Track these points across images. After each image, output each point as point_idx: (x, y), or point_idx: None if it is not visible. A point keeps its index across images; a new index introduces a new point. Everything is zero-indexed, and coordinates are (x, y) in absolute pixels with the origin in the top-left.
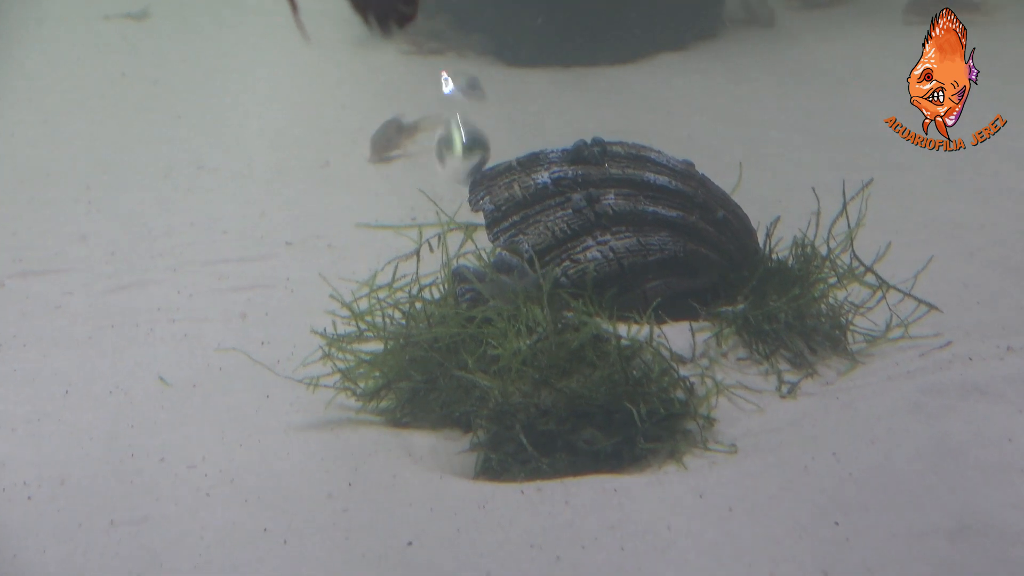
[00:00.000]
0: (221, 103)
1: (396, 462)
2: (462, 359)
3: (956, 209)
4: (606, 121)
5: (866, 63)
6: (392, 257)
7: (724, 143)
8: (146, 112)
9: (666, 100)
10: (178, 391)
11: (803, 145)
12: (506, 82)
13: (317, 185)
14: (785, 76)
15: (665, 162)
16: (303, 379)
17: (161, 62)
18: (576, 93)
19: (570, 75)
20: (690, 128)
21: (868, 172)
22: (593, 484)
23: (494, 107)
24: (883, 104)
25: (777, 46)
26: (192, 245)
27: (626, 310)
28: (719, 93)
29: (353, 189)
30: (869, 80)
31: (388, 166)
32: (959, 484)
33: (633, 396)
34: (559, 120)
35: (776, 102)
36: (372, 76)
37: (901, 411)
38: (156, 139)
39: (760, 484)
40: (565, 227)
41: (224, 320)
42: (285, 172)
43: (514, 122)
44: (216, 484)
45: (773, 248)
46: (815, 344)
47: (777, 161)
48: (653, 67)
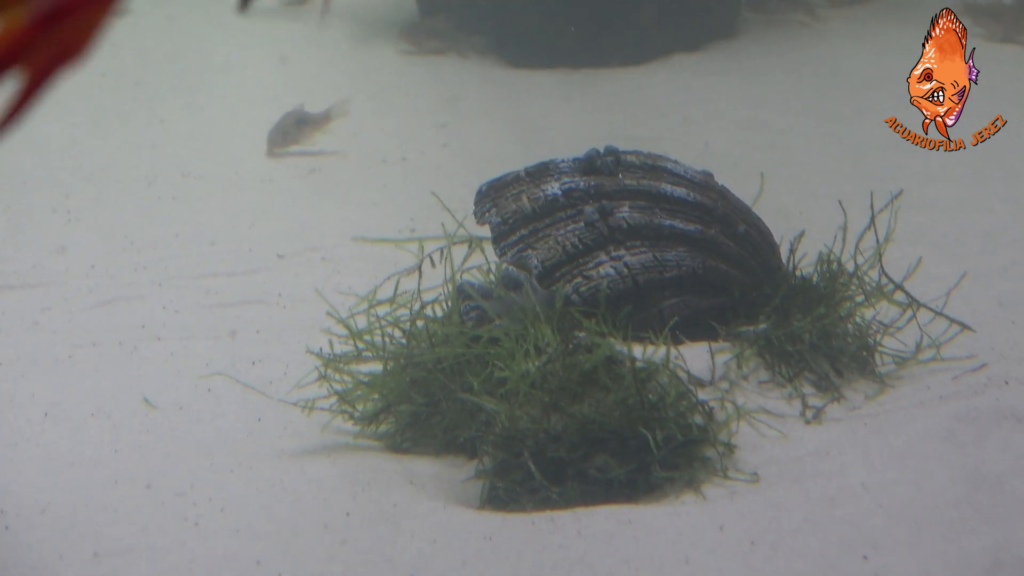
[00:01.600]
0: (208, 106)
1: (397, 490)
2: (467, 381)
3: (988, 221)
4: (617, 127)
5: (896, 65)
6: (392, 271)
7: (744, 151)
8: (128, 116)
9: (682, 104)
10: (164, 414)
11: (828, 153)
12: (510, 85)
13: (310, 193)
14: (809, 78)
15: (683, 173)
16: (297, 402)
17: (144, 61)
18: (585, 97)
19: (579, 77)
20: (708, 135)
21: (896, 182)
22: (607, 515)
23: (497, 112)
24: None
25: (800, 46)
26: (178, 258)
27: (641, 330)
28: (738, 97)
29: (349, 198)
30: (898, 83)
31: (386, 173)
32: (995, 517)
33: (649, 421)
34: (567, 126)
35: (799, 106)
36: (368, 77)
37: (933, 438)
38: (139, 144)
39: (784, 516)
40: (577, 241)
41: (212, 338)
42: (276, 180)
43: (519, 128)
44: (206, 513)
45: (797, 264)
46: (841, 366)
47: (800, 170)
48: (668, 69)
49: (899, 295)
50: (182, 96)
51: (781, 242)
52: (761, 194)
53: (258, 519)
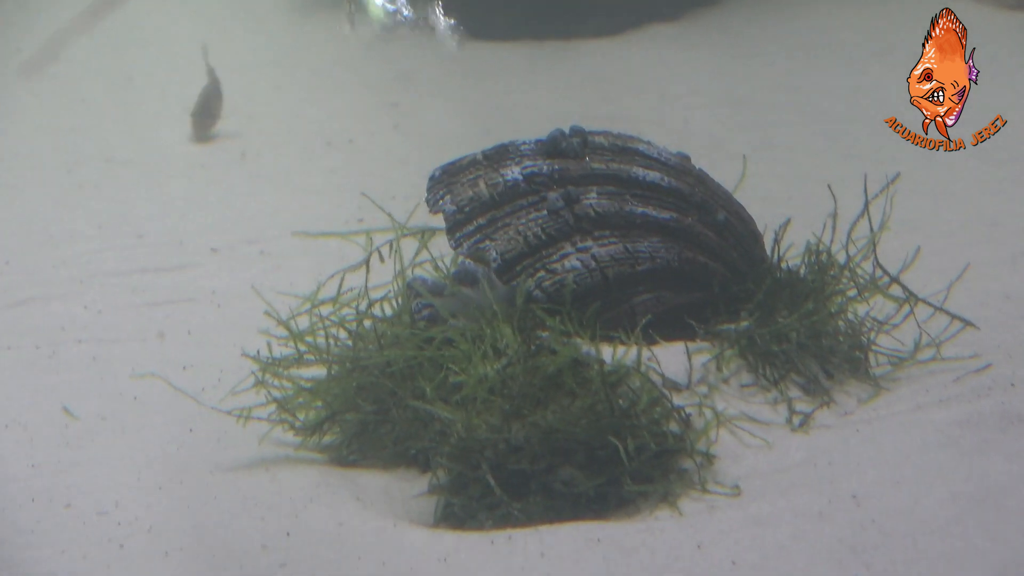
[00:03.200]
0: (134, 84)
1: (342, 507)
2: (419, 387)
3: (995, 207)
4: (588, 105)
5: (894, 38)
6: (337, 266)
7: (726, 130)
8: (46, 95)
9: (658, 80)
10: (86, 425)
11: (818, 132)
12: (471, 59)
13: (248, 180)
14: (797, 50)
15: (656, 155)
16: (232, 410)
17: (65, 34)
18: (553, 72)
19: (546, 50)
20: (686, 113)
21: (893, 164)
22: (573, 533)
23: (454, 89)
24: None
25: (789, 15)
26: (101, 252)
27: (611, 328)
28: (720, 71)
29: (290, 185)
30: (896, 56)
31: (330, 157)
32: (1000, 533)
33: (619, 430)
34: (532, 104)
35: (786, 81)
36: (313, 53)
37: (932, 446)
38: (57, 127)
39: (768, 533)
40: (539, 232)
41: (139, 340)
42: (210, 165)
43: (480, 106)
44: (131, 534)
45: (783, 255)
46: (832, 368)
47: (787, 152)
48: (643, 40)
49: (895, 289)
50: (105, 74)
51: (765, 231)
52: (744, 178)
53: (190, 540)
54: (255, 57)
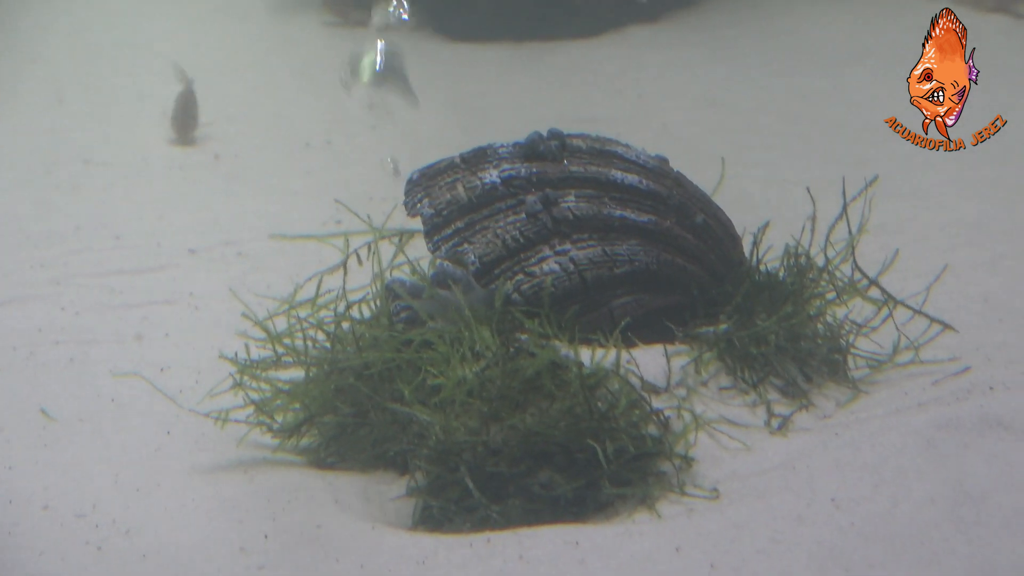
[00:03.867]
0: (112, 84)
1: (320, 510)
2: (397, 389)
3: (976, 210)
4: (566, 107)
5: (873, 39)
6: (315, 268)
7: (704, 133)
8: (23, 95)
9: (637, 82)
10: (63, 426)
11: (797, 135)
12: (448, 61)
13: (226, 182)
14: (776, 53)
15: (634, 158)
16: (210, 412)
17: (41, 35)
18: (531, 74)
19: (524, 52)
20: (665, 115)
21: (873, 167)
22: (552, 536)
23: (432, 90)
24: (891, 88)
25: (768, 15)
26: (78, 253)
27: (590, 331)
28: (699, 73)
29: (268, 186)
30: (876, 59)
31: (308, 159)
32: (979, 535)
33: (598, 433)
34: (511, 107)
35: (765, 83)
36: (291, 52)
37: (911, 449)
38: (35, 128)
39: (747, 536)
40: (518, 235)
41: (117, 342)
42: (188, 167)
43: (457, 109)
44: (109, 536)
45: (761, 258)
46: (811, 370)
47: (767, 154)
48: (622, 42)
49: (874, 292)
50: (83, 74)
51: (744, 234)
52: (722, 180)
53: (167, 543)
54: (233, 58)
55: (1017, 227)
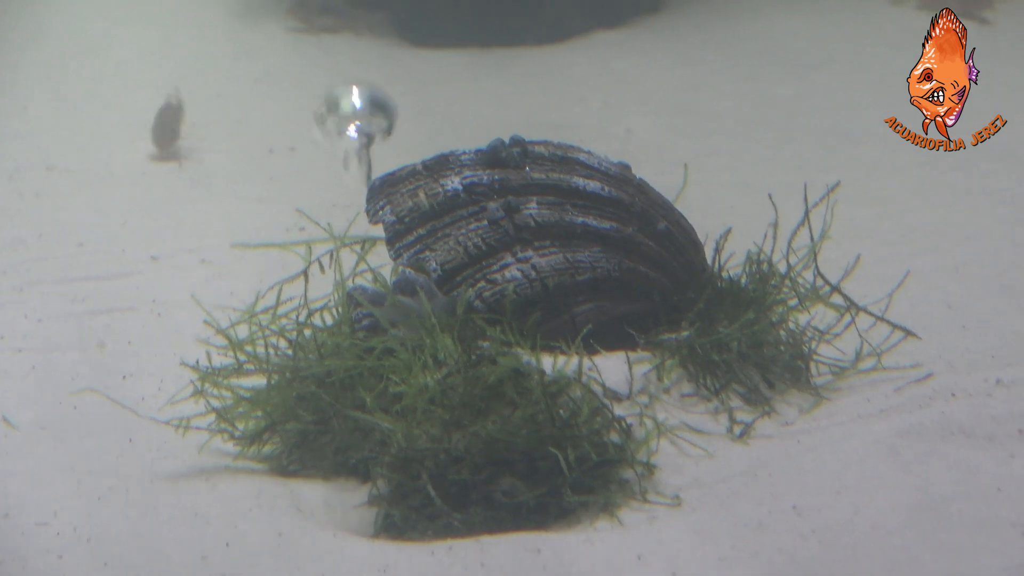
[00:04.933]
0: (76, 91)
1: (282, 518)
2: (359, 397)
3: (939, 216)
4: (531, 113)
5: (838, 45)
6: (279, 274)
7: (669, 139)
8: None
9: (602, 87)
10: (25, 434)
11: (761, 141)
12: (412, 66)
13: (189, 188)
14: (742, 58)
15: (597, 165)
16: (172, 420)
17: (6, 40)
18: (496, 79)
19: (489, 58)
20: (630, 121)
21: (837, 173)
22: (513, 543)
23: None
24: (858, 93)
25: (733, 22)
26: (40, 260)
27: (552, 338)
28: (663, 78)
29: (231, 192)
30: (841, 65)
31: (272, 165)
32: (941, 543)
33: (560, 440)
34: (475, 113)
35: (731, 89)
36: (254, 58)
37: (873, 457)
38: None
39: (708, 543)
40: (480, 242)
41: (79, 350)
42: (151, 173)
43: (423, 114)
44: (71, 544)
45: (724, 265)
46: (773, 377)
47: (730, 160)
48: (587, 48)
49: (837, 298)
50: (47, 80)
51: (706, 240)
52: (685, 186)
53: (129, 550)
54: (197, 64)
55: (980, 233)
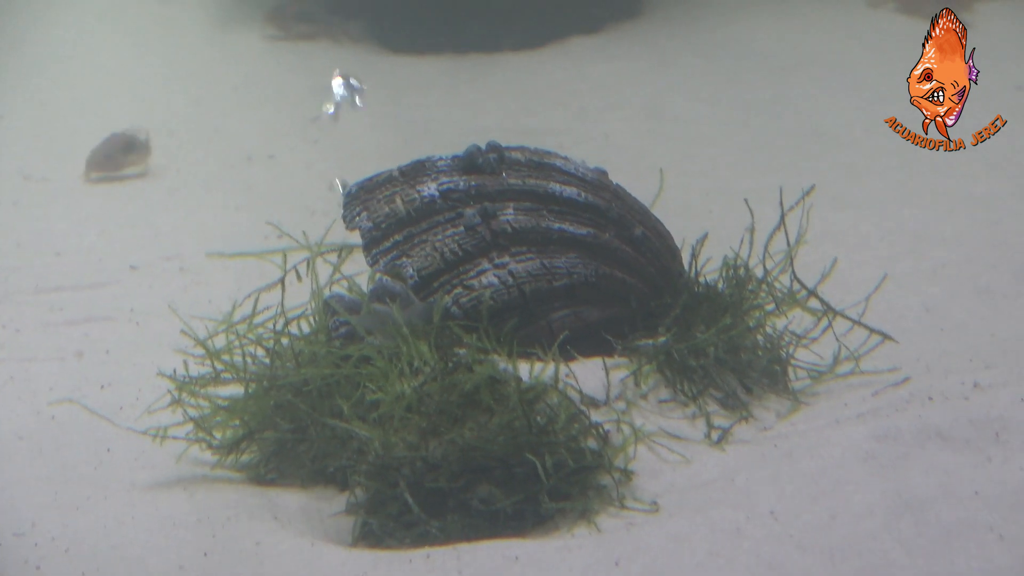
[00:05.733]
0: (52, 99)
1: (260, 526)
2: (336, 405)
3: (917, 218)
4: (509, 118)
5: (816, 48)
6: (257, 282)
7: (646, 143)
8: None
9: (579, 93)
10: (3, 444)
11: (740, 145)
12: (389, 73)
13: (166, 197)
14: (720, 62)
15: (573, 171)
16: (149, 429)
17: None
18: (473, 85)
19: (466, 64)
20: (607, 125)
21: (815, 176)
22: (491, 551)
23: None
24: (837, 96)
25: (712, 26)
26: (18, 270)
27: (528, 345)
28: (641, 83)
29: (209, 200)
30: (819, 67)
31: (250, 173)
32: (918, 547)
33: (537, 447)
34: (452, 119)
35: (708, 93)
36: (232, 66)
37: (850, 461)
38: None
39: (686, 549)
40: (456, 248)
41: (57, 359)
42: (128, 182)
43: (398, 121)
44: (48, 555)
45: (700, 270)
46: (750, 382)
47: (708, 164)
48: (564, 54)
49: (814, 302)
50: (24, 88)
51: (683, 245)
52: (661, 192)
53: (107, 560)
54: (174, 71)
55: (958, 236)
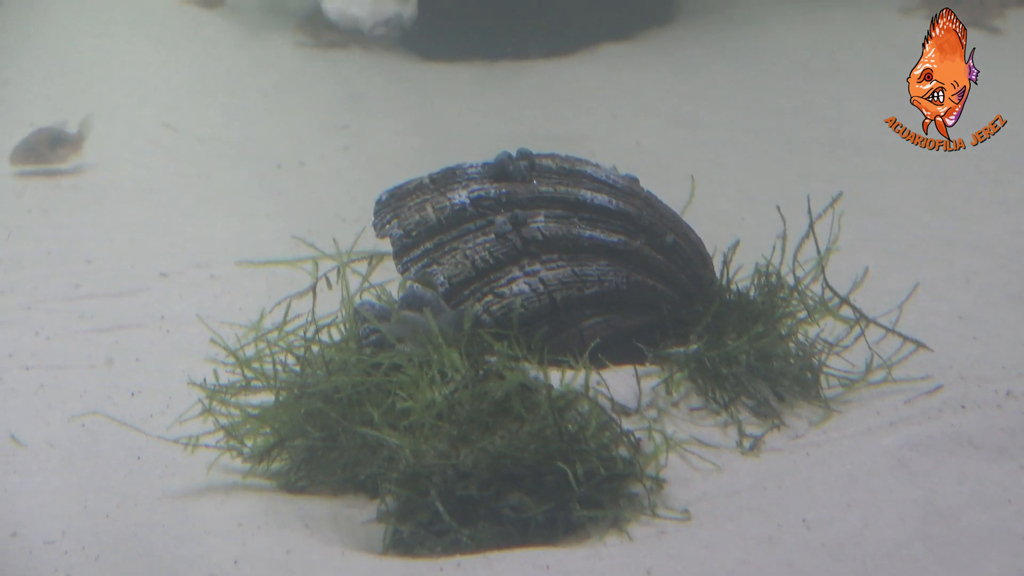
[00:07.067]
0: (81, 107)
1: (290, 535)
2: (367, 413)
3: (949, 226)
4: (539, 125)
5: (848, 55)
6: (287, 290)
7: (677, 151)
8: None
9: (610, 100)
10: (33, 452)
11: (769, 152)
12: (419, 80)
13: (196, 204)
14: (749, 71)
15: (604, 178)
16: (180, 438)
17: (8, 58)
18: (504, 92)
19: (496, 71)
20: (638, 133)
21: (844, 183)
22: (522, 559)
23: (404, 110)
24: (865, 104)
25: (741, 35)
26: (49, 278)
27: (559, 352)
28: (672, 91)
29: (238, 209)
30: (847, 75)
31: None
32: (950, 555)
33: (568, 455)
34: (482, 125)
35: (738, 101)
36: (262, 73)
37: (882, 469)
38: (4, 151)
39: (717, 558)
40: (487, 255)
41: (87, 367)
42: (157, 189)
43: (430, 127)
44: (78, 563)
45: (732, 277)
46: (782, 390)
47: (739, 172)
48: (594, 61)
49: (846, 310)
50: (53, 97)
51: (715, 253)
52: (692, 199)
53: (137, 569)
54: (204, 79)
55: (989, 243)
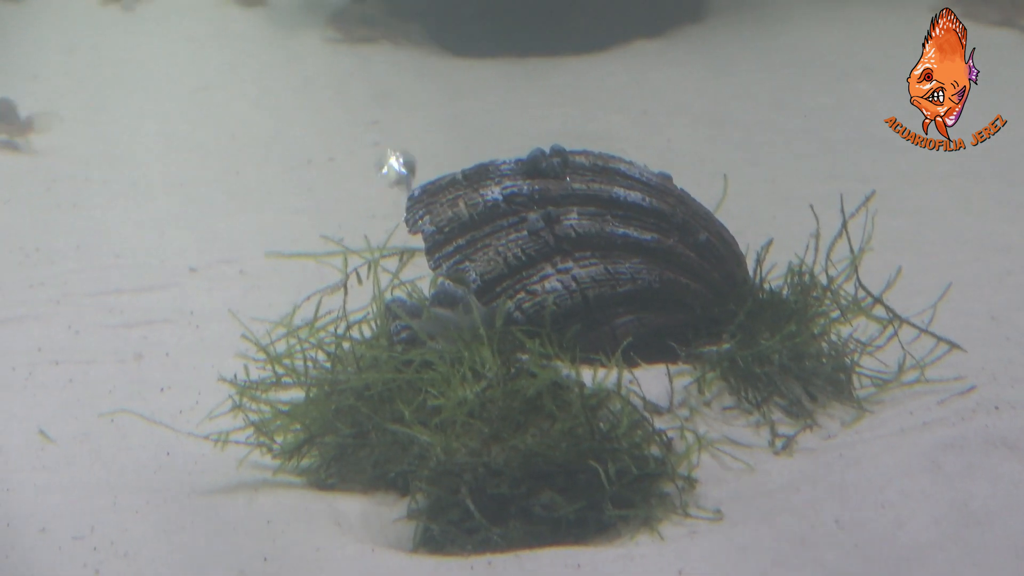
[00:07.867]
0: (112, 102)
1: (320, 532)
2: (397, 410)
3: (979, 225)
4: (569, 122)
5: (878, 54)
6: (316, 286)
7: (709, 149)
8: (21, 113)
9: (641, 98)
10: (62, 447)
11: (801, 151)
12: (450, 76)
13: (226, 200)
14: (781, 68)
15: (637, 175)
16: (210, 434)
17: (39, 52)
18: (534, 89)
19: (527, 67)
20: (670, 131)
21: (876, 183)
22: (553, 558)
23: (434, 106)
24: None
25: (773, 32)
26: (78, 272)
27: (591, 350)
28: (703, 89)
29: (268, 204)
30: (878, 74)
31: (310, 176)
32: (984, 559)
33: (600, 453)
34: (513, 122)
35: (770, 99)
36: (292, 69)
37: (916, 470)
38: (34, 145)
39: (750, 558)
40: (519, 252)
41: (117, 362)
42: (187, 184)
43: (459, 125)
44: (107, 559)
45: (765, 276)
46: (815, 390)
47: (771, 170)
48: (626, 57)
49: (879, 309)
50: (84, 91)
51: (748, 251)
52: (724, 197)
53: (166, 565)
54: (234, 75)
55: (1022, 243)
